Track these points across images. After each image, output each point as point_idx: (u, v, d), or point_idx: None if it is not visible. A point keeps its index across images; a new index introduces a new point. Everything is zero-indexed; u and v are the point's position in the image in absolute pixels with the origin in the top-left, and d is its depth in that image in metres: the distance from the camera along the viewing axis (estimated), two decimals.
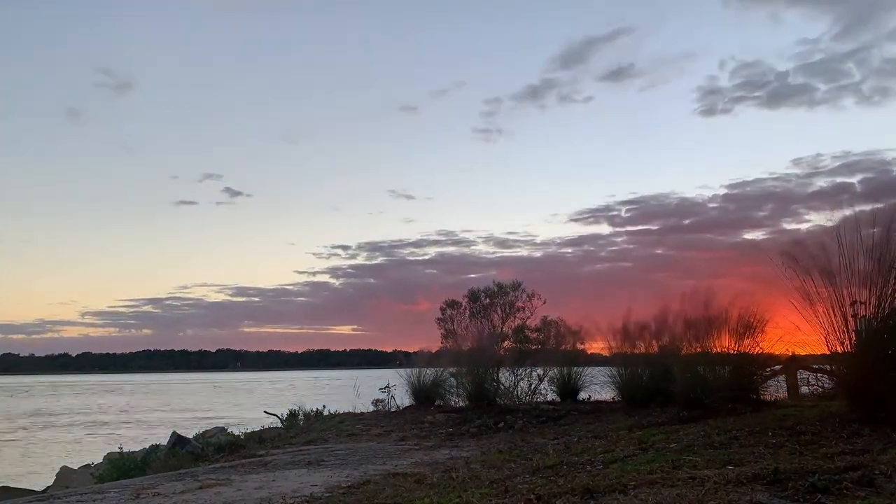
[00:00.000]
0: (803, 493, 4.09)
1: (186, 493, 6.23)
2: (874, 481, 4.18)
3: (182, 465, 10.18)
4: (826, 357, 7.44)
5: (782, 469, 4.53)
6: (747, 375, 9.69)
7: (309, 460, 8.19)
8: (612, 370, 12.38)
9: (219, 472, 7.70)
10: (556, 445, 7.94)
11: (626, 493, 4.43)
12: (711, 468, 5.03)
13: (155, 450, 12.55)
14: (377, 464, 7.60)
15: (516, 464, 6.65)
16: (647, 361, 11.60)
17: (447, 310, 17.95)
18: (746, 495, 4.10)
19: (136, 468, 11.06)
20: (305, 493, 5.86)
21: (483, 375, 13.15)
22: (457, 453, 8.12)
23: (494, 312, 17.43)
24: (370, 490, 5.78)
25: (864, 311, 6.68)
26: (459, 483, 5.71)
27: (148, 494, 6.22)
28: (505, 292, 17.50)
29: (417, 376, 14.14)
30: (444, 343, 16.58)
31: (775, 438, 6.20)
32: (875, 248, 6.63)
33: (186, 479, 7.16)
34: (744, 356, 9.72)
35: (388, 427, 11.58)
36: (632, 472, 5.15)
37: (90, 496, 6.37)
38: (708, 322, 9.92)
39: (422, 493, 5.38)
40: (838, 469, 4.48)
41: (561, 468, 5.96)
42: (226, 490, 6.27)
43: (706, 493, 4.16)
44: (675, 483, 4.58)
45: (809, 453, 5.28)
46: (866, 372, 6.46)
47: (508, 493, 4.90)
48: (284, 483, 6.52)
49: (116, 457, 12.26)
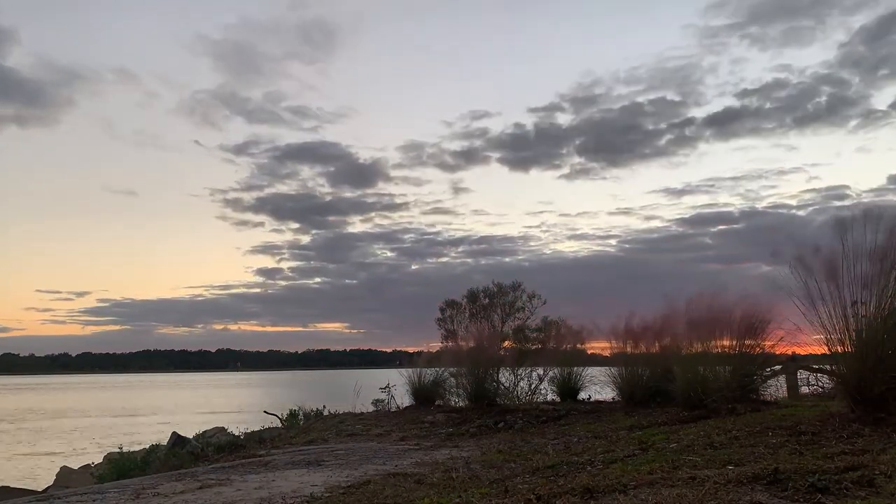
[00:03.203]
0: (803, 493, 4.09)
1: (186, 493, 6.23)
2: (874, 481, 4.18)
3: (182, 465, 10.19)
4: (826, 357, 7.43)
5: (782, 469, 4.53)
6: (747, 375, 9.70)
7: (309, 460, 8.19)
8: (612, 370, 12.39)
9: (219, 472, 7.70)
10: (556, 445, 7.94)
11: (626, 493, 4.43)
12: (711, 468, 5.02)
13: (155, 450, 12.55)
14: (377, 464, 7.60)
15: (516, 464, 6.65)
16: (648, 361, 11.61)
17: (447, 310, 17.97)
18: (746, 495, 4.10)
19: (136, 468, 11.06)
20: (305, 493, 5.85)
21: (483, 375, 13.15)
22: (457, 453, 8.12)
23: (494, 313, 17.46)
24: (370, 490, 5.78)
25: (864, 311, 6.68)
26: (459, 483, 5.71)
27: (148, 494, 6.22)
28: (505, 292, 17.52)
29: (418, 376, 14.15)
30: (445, 343, 16.60)
31: (775, 438, 6.19)
32: (877, 250, 6.63)
33: (186, 479, 7.16)
34: (744, 356, 9.73)
35: (388, 427, 11.59)
36: (632, 472, 5.15)
37: (90, 496, 6.36)
38: (709, 322, 9.92)
39: (422, 493, 5.38)
40: (838, 469, 4.47)
41: (561, 468, 5.96)
42: (226, 490, 6.27)
43: (706, 493, 4.16)
44: (675, 483, 4.58)
45: (809, 453, 5.27)
46: (866, 372, 6.46)
47: (508, 493, 4.89)
48: (284, 483, 6.52)
49: (116, 457, 12.26)
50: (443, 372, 14.03)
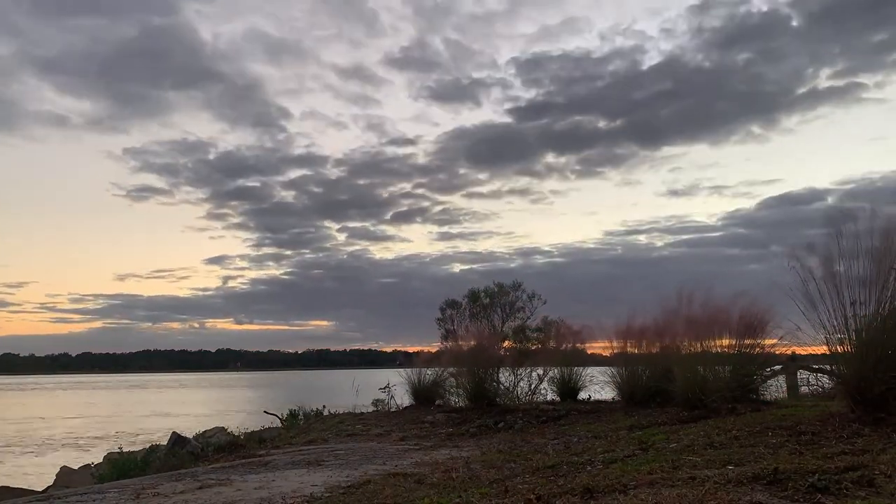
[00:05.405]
0: (803, 493, 4.09)
1: (186, 493, 6.23)
2: (874, 481, 4.18)
3: (182, 465, 10.19)
4: (826, 357, 7.42)
5: (782, 469, 4.53)
6: (747, 375, 9.69)
7: (309, 460, 8.19)
8: (612, 370, 12.38)
9: (219, 472, 7.70)
10: (556, 445, 7.94)
11: (626, 493, 4.43)
12: (711, 468, 5.02)
13: (155, 450, 12.56)
14: (377, 464, 7.60)
15: (516, 464, 6.65)
16: (648, 361, 11.60)
17: (447, 310, 17.99)
18: (746, 495, 4.10)
19: (136, 468, 11.06)
20: (305, 493, 5.85)
21: (483, 375, 13.14)
22: (457, 453, 8.12)
23: (494, 313, 17.48)
24: (370, 490, 5.78)
25: (864, 311, 6.68)
26: (459, 483, 5.71)
27: (148, 494, 6.22)
28: (505, 293, 17.54)
29: (417, 376, 14.15)
30: (444, 343, 16.61)
31: (775, 438, 6.19)
32: (875, 250, 6.63)
33: (186, 479, 7.16)
34: (744, 356, 9.73)
35: (388, 427, 11.59)
36: (632, 472, 5.15)
37: (90, 496, 6.36)
38: (709, 322, 9.91)
39: (422, 493, 5.38)
40: (838, 469, 4.47)
41: (561, 468, 5.95)
42: (226, 490, 6.27)
43: (706, 493, 4.16)
44: (675, 483, 4.57)
45: (809, 453, 5.27)
46: (866, 372, 6.45)
47: (508, 493, 4.89)
48: (284, 483, 6.52)
49: (116, 457, 12.26)
50: (443, 372, 14.03)
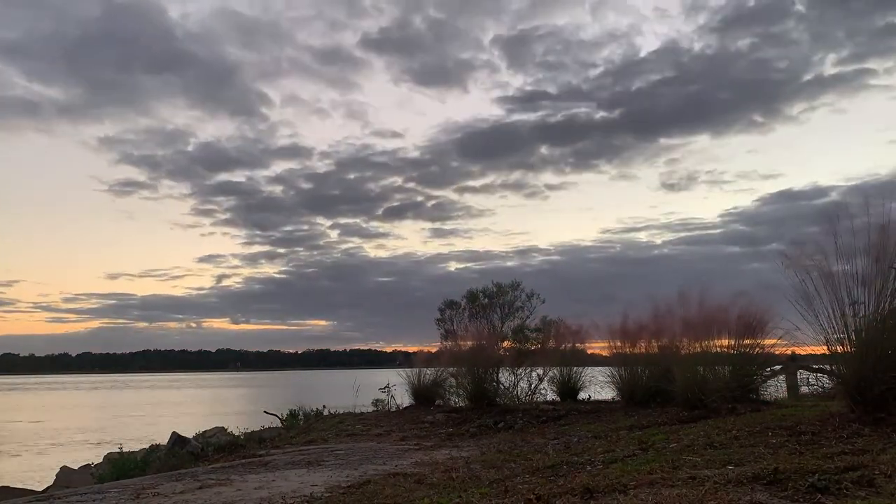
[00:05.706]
0: (803, 493, 4.09)
1: (186, 493, 6.23)
2: (874, 481, 4.18)
3: (182, 465, 10.19)
4: (826, 357, 7.42)
5: (782, 469, 4.53)
6: (747, 375, 9.69)
7: (309, 460, 8.19)
8: (612, 370, 12.38)
9: (219, 472, 7.70)
10: (556, 445, 7.94)
11: (626, 493, 4.43)
12: (711, 468, 5.02)
13: (155, 450, 12.55)
14: (377, 464, 7.60)
15: (516, 464, 6.65)
16: (647, 361, 11.60)
17: (446, 310, 17.99)
18: (746, 495, 4.10)
19: (136, 468, 11.06)
20: (305, 493, 5.86)
21: (483, 375, 13.14)
22: (457, 453, 8.12)
23: (493, 313, 17.47)
24: (370, 490, 5.78)
25: (863, 311, 6.68)
26: (459, 483, 5.71)
27: (148, 494, 6.22)
28: (504, 292, 17.53)
29: (417, 376, 14.14)
30: (444, 343, 16.60)
31: (775, 438, 6.19)
32: (873, 249, 6.62)
33: (186, 479, 7.16)
34: (744, 356, 9.73)
35: (388, 427, 11.59)
36: (632, 472, 5.15)
37: (90, 496, 6.36)
38: (708, 322, 9.90)
39: (422, 493, 5.38)
40: (838, 469, 4.47)
41: (561, 468, 5.95)
42: (226, 490, 6.27)
43: (706, 493, 4.16)
44: (675, 483, 4.57)
45: (809, 453, 5.27)
46: (866, 372, 6.45)
47: (508, 493, 4.90)
48: (284, 483, 6.52)
49: (116, 457, 12.25)
50: (442, 372, 14.03)
